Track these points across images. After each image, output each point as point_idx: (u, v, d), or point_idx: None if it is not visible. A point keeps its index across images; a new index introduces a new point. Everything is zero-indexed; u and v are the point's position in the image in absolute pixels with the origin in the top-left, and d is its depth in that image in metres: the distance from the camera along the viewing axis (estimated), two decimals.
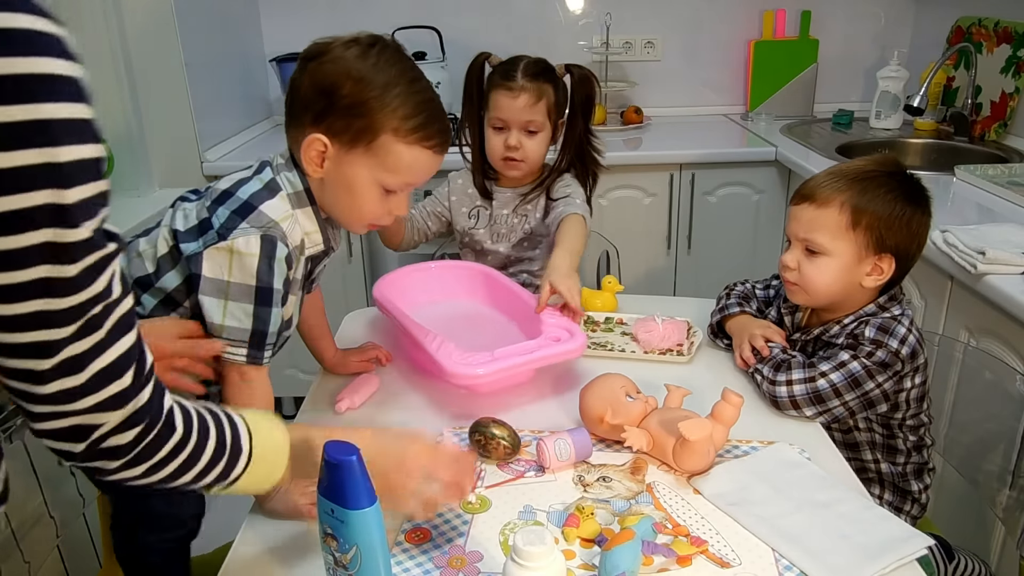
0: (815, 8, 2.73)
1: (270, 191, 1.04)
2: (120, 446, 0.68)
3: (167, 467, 0.72)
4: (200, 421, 0.75)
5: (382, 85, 1.01)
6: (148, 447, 0.70)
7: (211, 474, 0.76)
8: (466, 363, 1.15)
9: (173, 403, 0.73)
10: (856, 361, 1.15)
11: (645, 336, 1.35)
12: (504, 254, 1.65)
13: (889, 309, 1.20)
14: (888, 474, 1.25)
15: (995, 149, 2.27)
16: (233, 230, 1.00)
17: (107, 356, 0.64)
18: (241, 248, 0.99)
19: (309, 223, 1.08)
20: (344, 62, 1.01)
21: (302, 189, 1.07)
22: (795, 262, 1.21)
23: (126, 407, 0.66)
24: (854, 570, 0.86)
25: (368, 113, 1.00)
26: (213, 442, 0.76)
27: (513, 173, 1.59)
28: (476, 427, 1.05)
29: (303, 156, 1.04)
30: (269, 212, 1.02)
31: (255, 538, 0.94)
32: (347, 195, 1.07)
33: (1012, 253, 1.43)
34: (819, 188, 1.19)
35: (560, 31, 2.76)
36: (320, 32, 1.13)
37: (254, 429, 0.80)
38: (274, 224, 1.02)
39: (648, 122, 2.71)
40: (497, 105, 1.53)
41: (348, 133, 1.02)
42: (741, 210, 2.44)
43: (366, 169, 1.04)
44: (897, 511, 1.25)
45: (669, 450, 1.01)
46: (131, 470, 0.70)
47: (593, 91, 1.57)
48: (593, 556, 0.88)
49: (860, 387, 1.15)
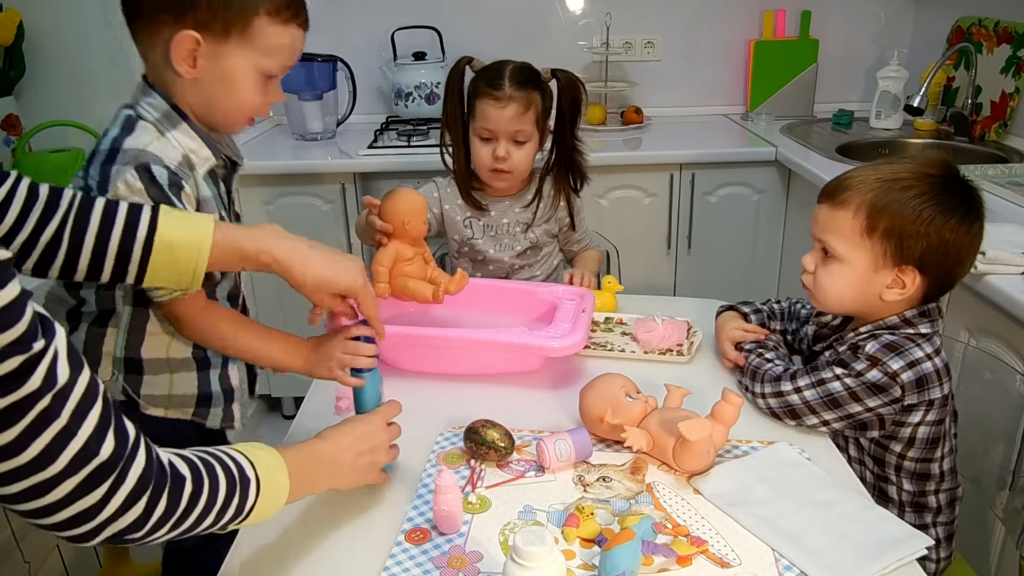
0: (815, 8, 2.73)
1: (128, 129, 1.02)
2: (137, 519, 0.68)
3: (190, 517, 0.73)
4: (204, 463, 0.75)
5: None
6: (167, 508, 0.70)
7: (230, 509, 0.76)
8: (556, 336, 1.20)
9: (169, 456, 0.72)
10: (838, 381, 1.07)
11: (645, 336, 1.35)
12: (508, 263, 1.64)
13: (915, 326, 1.08)
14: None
15: (995, 149, 2.27)
16: (110, 179, 0.98)
17: (79, 440, 0.63)
18: (124, 191, 0.97)
19: (187, 139, 1.05)
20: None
21: (167, 108, 1.04)
22: (812, 264, 1.14)
23: (122, 483, 0.66)
24: (854, 570, 0.86)
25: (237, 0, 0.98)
26: (223, 479, 0.76)
27: (500, 184, 1.57)
28: (469, 432, 1.05)
29: (173, 57, 1.00)
30: (133, 145, 1.00)
31: (255, 538, 0.94)
32: (227, 90, 1.04)
33: (1012, 253, 1.43)
34: (840, 187, 1.08)
35: (560, 31, 2.76)
36: (320, 32, 1.13)
37: (250, 456, 0.80)
38: (141, 152, 0.99)
39: (648, 122, 2.71)
40: (484, 115, 1.50)
41: (218, 23, 0.99)
42: (741, 210, 2.44)
43: (244, 58, 1.02)
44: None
45: (669, 450, 1.01)
46: (158, 532, 0.71)
47: (579, 95, 1.55)
48: (593, 556, 0.88)
49: (841, 408, 1.07)
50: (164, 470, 0.70)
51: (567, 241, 1.71)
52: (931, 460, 1.13)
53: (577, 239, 1.71)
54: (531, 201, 1.61)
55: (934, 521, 1.17)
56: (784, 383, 1.12)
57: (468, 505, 0.97)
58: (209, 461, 0.76)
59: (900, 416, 1.10)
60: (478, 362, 1.28)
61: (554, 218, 1.65)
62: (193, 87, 1.03)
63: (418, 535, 0.92)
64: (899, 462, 1.13)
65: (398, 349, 1.29)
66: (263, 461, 0.81)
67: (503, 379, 1.27)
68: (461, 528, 0.93)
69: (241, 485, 0.77)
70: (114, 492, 0.66)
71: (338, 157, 2.36)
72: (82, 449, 0.63)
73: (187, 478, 0.72)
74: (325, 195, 2.34)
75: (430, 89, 2.62)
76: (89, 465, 0.64)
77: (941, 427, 1.12)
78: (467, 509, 0.96)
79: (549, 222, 1.65)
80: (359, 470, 0.95)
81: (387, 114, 2.77)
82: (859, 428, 1.12)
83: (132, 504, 0.67)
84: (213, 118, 1.08)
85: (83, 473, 0.63)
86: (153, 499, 0.69)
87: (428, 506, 0.96)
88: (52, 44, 2.08)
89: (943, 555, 1.18)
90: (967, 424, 1.22)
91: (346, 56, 2.55)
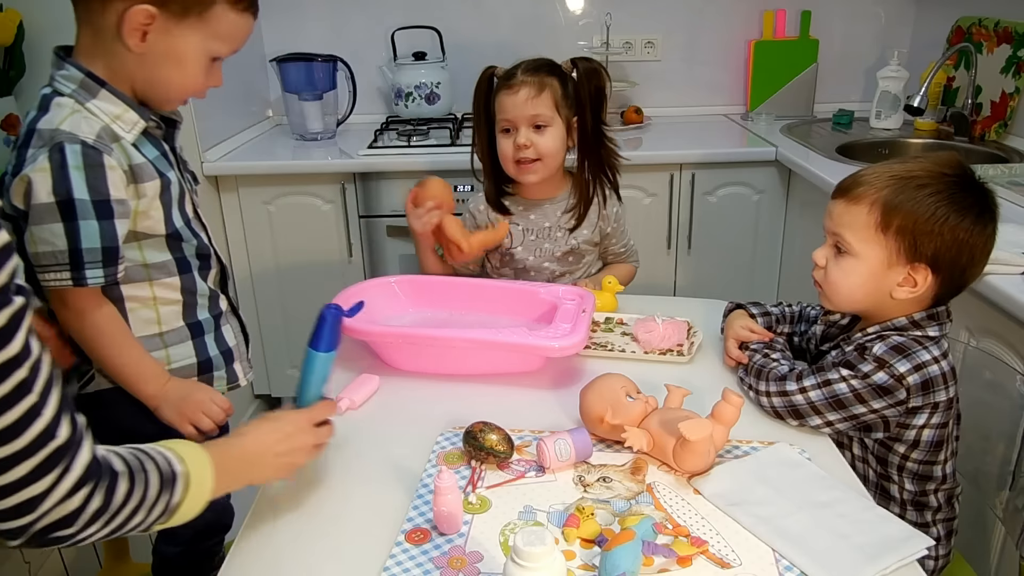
0: (815, 8, 2.73)
1: (44, 108, 1.01)
2: (72, 512, 0.66)
3: (121, 514, 0.71)
4: (136, 459, 0.73)
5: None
6: (102, 503, 0.68)
7: (158, 507, 0.75)
8: (556, 336, 1.20)
9: (103, 451, 0.71)
10: (844, 382, 1.06)
11: (645, 336, 1.35)
12: (548, 269, 1.62)
13: (923, 328, 1.08)
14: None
15: (995, 149, 2.27)
16: (24, 162, 0.97)
17: (44, 418, 0.62)
18: (33, 174, 0.96)
19: (109, 105, 1.03)
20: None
21: (82, 77, 1.02)
22: (823, 259, 1.13)
23: (70, 470, 0.64)
24: (854, 570, 0.86)
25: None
26: (155, 476, 0.74)
27: (529, 177, 1.54)
28: (468, 437, 1.04)
29: (125, 29, 0.99)
30: (48, 125, 0.98)
31: (255, 538, 0.94)
32: (173, 67, 1.03)
33: (1012, 253, 1.43)
34: (855, 183, 1.08)
35: (560, 31, 2.76)
36: (320, 32, 1.14)
37: (180, 453, 0.79)
38: (55, 131, 0.98)
39: (648, 122, 2.71)
40: (502, 107, 1.51)
41: (177, 3, 0.99)
42: (741, 210, 2.44)
43: (197, 39, 1.02)
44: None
45: (669, 450, 1.01)
46: (87, 531, 0.69)
47: (603, 83, 1.53)
48: (593, 556, 0.88)
49: (845, 409, 1.07)
50: (99, 464, 0.69)
51: (606, 252, 1.69)
52: (934, 463, 1.13)
53: (615, 252, 1.69)
54: (570, 201, 1.59)
55: (934, 519, 1.17)
56: (789, 383, 1.12)
57: (468, 505, 0.97)
58: (141, 458, 0.75)
59: (904, 418, 1.09)
60: (478, 362, 1.28)
61: (596, 225, 1.62)
62: (137, 61, 1.02)
63: (418, 535, 0.92)
64: (902, 463, 1.13)
65: (399, 349, 1.29)
66: (192, 459, 0.80)
67: (503, 379, 1.27)
68: (461, 528, 0.93)
69: (171, 483, 0.77)
70: (61, 479, 0.64)
71: (338, 157, 2.36)
72: (45, 429, 0.62)
73: (122, 474, 0.71)
74: (325, 195, 2.34)
75: (430, 89, 2.62)
76: (47, 447, 0.62)
77: (945, 430, 1.11)
78: (467, 509, 0.96)
79: (592, 228, 1.61)
80: (276, 468, 0.94)
81: (387, 114, 2.77)
82: (863, 430, 1.12)
83: (73, 494, 0.65)
84: (150, 94, 1.06)
85: (41, 454, 0.62)
86: (91, 492, 0.67)
87: (428, 506, 0.96)
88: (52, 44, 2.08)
89: (942, 552, 1.18)
90: (967, 424, 1.22)
91: (346, 56, 2.55)
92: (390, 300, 1.43)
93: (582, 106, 1.53)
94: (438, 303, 1.45)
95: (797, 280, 2.41)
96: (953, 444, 1.16)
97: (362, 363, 1.32)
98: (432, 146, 2.37)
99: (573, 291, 1.38)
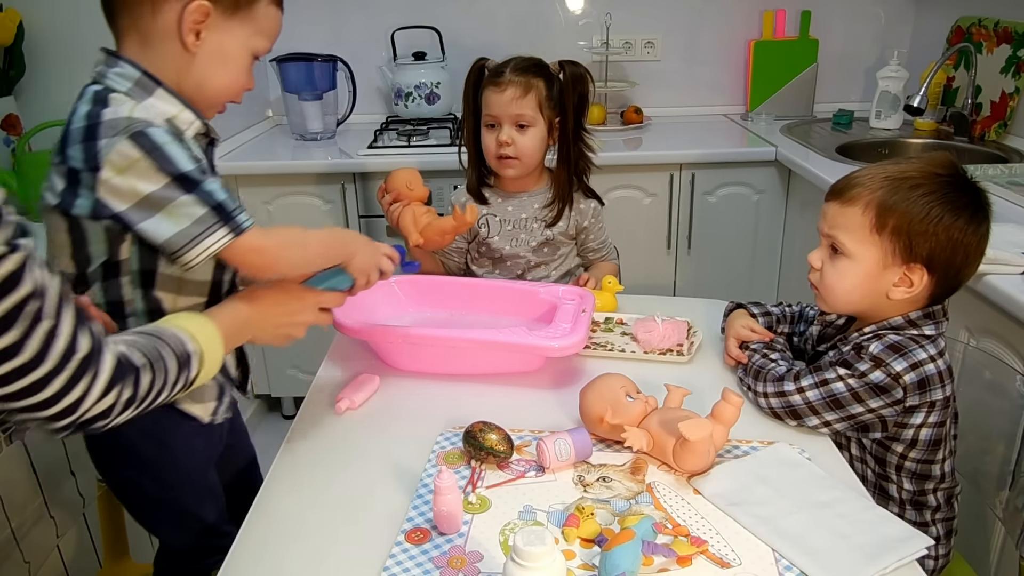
0: (815, 8, 2.73)
1: (101, 103, 0.95)
2: (109, 407, 0.76)
3: (148, 399, 0.82)
4: (152, 348, 0.82)
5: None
6: (132, 395, 0.78)
7: (179, 384, 0.86)
8: (556, 336, 1.21)
9: (119, 348, 0.79)
10: (841, 382, 1.07)
11: (645, 336, 1.35)
12: (524, 258, 1.64)
13: (920, 327, 1.08)
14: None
15: (995, 149, 2.27)
16: (99, 155, 0.91)
17: (63, 338, 0.70)
18: (121, 162, 0.90)
19: (168, 105, 1.00)
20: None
21: (139, 75, 0.98)
22: (819, 261, 1.13)
23: (98, 375, 0.73)
24: (854, 570, 0.86)
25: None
26: (172, 359, 0.84)
27: (508, 172, 1.58)
28: (467, 437, 1.04)
29: (185, 27, 0.97)
30: (114, 116, 0.93)
31: (255, 538, 0.94)
32: (220, 67, 1.02)
33: (1012, 253, 1.43)
34: (849, 185, 1.08)
35: (560, 31, 2.76)
36: (320, 32, 1.14)
37: (191, 331, 0.88)
38: (128, 119, 0.93)
39: (648, 122, 2.71)
40: (487, 102, 1.54)
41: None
42: (741, 210, 2.44)
43: (244, 36, 1.02)
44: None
45: (669, 450, 1.01)
46: (121, 417, 0.80)
47: (587, 89, 1.56)
48: (593, 556, 0.88)
49: (843, 408, 1.07)
50: (122, 363, 0.77)
51: (583, 248, 1.71)
52: (932, 462, 1.13)
53: (593, 248, 1.70)
54: (547, 195, 1.61)
55: (933, 518, 1.17)
56: (787, 383, 1.12)
57: (468, 505, 0.97)
58: (157, 345, 0.83)
59: (902, 418, 1.09)
60: (478, 362, 1.28)
61: (571, 218, 1.64)
62: (187, 63, 1.00)
63: (418, 535, 0.92)
64: (900, 462, 1.13)
65: (398, 349, 1.29)
66: (203, 335, 0.89)
67: (503, 379, 1.27)
68: (461, 528, 0.93)
69: (187, 363, 0.87)
70: (92, 385, 0.73)
71: (338, 157, 2.37)
72: (67, 346, 0.70)
73: (143, 367, 0.80)
74: (325, 195, 2.34)
75: (430, 89, 2.62)
76: (72, 360, 0.71)
77: (943, 429, 1.12)
78: (467, 509, 0.96)
79: (567, 221, 1.63)
80: (274, 337, 1.05)
81: (387, 114, 2.77)
82: (861, 430, 1.12)
83: (106, 394, 0.75)
84: (198, 96, 1.04)
85: (69, 368, 0.71)
86: (121, 389, 0.77)
87: (428, 506, 0.96)
88: (52, 44, 2.08)
89: (942, 552, 1.18)
90: (967, 424, 1.22)
91: (346, 56, 2.55)
92: (390, 300, 1.43)
93: (565, 110, 1.57)
94: (438, 303, 1.45)
95: (797, 280, 2.40)
96: (951, 443, 1.16)
97: (362, 363, 1.33)
98: (432, 146, 2.37)
99: (573, 291, 1.39)
